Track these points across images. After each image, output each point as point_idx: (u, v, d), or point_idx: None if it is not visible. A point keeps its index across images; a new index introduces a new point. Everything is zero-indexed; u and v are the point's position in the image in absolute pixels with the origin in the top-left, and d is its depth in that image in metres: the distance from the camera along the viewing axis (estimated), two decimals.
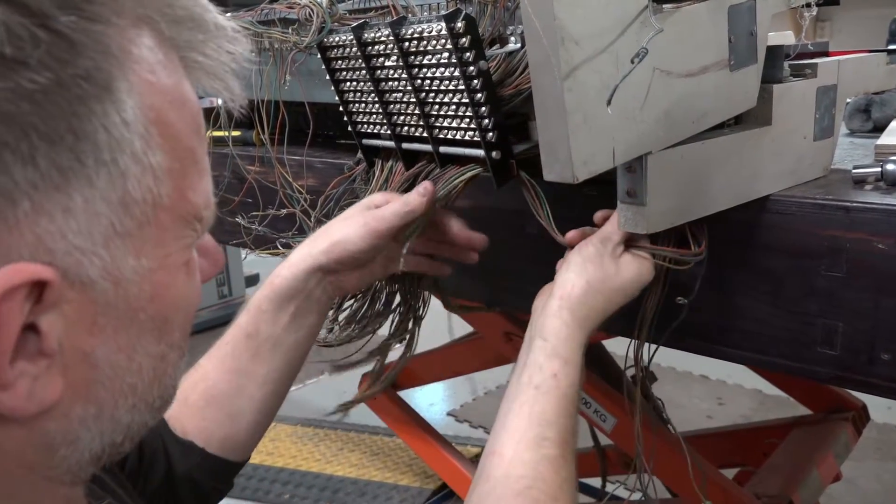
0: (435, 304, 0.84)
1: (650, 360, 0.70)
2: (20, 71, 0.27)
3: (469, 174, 0.67)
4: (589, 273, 0.60)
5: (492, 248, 0.81)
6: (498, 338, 1.37)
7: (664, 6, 0.52)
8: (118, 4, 0.30)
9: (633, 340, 0.69)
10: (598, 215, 0.66)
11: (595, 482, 1.49)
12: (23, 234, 0.28)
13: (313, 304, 0.67)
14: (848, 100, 0.88)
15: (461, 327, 1.53)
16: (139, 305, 0.33)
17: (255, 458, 2.09)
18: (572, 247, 0.64)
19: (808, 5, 0.63)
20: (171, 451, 0.63)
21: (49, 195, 0.28)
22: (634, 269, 0.61)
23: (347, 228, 0.66)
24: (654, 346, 0.69)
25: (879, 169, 0.62)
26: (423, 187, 0.67)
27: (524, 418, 0.55)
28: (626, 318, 0.67)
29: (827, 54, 0.75)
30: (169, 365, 0.36)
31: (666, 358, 0.70)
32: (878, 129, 0.91)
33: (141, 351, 0.34)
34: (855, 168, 0.64)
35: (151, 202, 0.32)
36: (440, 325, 0.82)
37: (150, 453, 0.61)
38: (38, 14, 0.27)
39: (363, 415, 1.68)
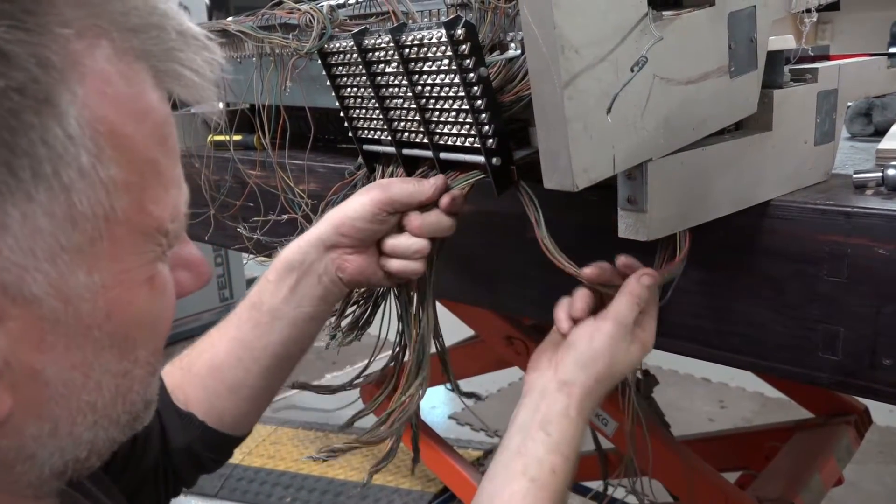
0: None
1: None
2: None
3: (472, 180, 0.67)
4: (599, 368, 0.58)
5: (493, 252, 0.81)
6: (499, 341, 1.37)
7: (664, 14, 0.52)
8: (63, 16, 0.29)
9: None
10: (593, 274, 0.61)
11: (597, 485, 1.48)
12: None
13: (314, 279, 0.65)
14: (849, 104, 0.88)
15: (462, 330, 1.53)
16: (93, 322, 0.32)
17: (257, 462, 2.09)
18: (588, 281, 0.61)
19: (809, 10, 0.63)
20: (168, 427, 0.63)
21: None
22: (639, 353, 0.60)
23: (353, 199, 0.66)
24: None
25: (880, 174, 0.62)
26: (438, 179, 0.65)
27: None
28: None
29: (828, 58, 0.75)
30: (135, 381, 0.35)
31: (667, 361, 0.71)
32: (880, 132, 0.91)
33: (99, 368, 0.33)
34: (856, 173, 0.64)
35: (103, 216, 0.31)
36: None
37: (143, 436, 0.61)
38: None
39: (365, 419, 1.68)
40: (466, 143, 0.65)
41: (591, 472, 1.44)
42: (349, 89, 0.75)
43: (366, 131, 0.76)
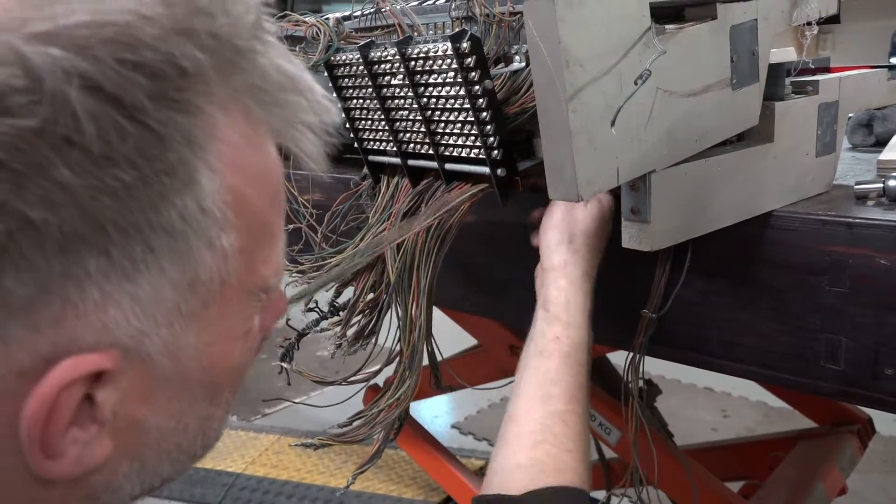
0: (437, 315, 0.84)
1: (642, 370, 0.71)
2: (105, 167, 0.26)
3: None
4: (562, 236, 0.64)
5: (497, 261, 0.82)
6: (502, 350, 1.37)
7: (667, 27, 0.53)
8: (211, 93, 0.29)
9: (629, 352, 0.70)
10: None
11: (599, 495, 1.48)
12: (90, 322, 0.28)
13: None
14: (850, 115, 0.89)
15: (465, 340, 1.53)
16: (194, 377, 0.33)
17: (260, 471, 2.09)
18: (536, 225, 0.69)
19: (809, 24, 0.64)
20: None
21: (119, 285, 0.28)
22: (594, 206, 0.65)
23: None
24: (649, 358, 0.70)
25: (881, 185, 0.62)
26: None
27: (532, 382, 0.59)
28: (620, 329, 0.68)
29: (828, 70, 0.76)
30: (214, 421, 0.36)
31: (670, 370, 0.71)
32: (881, 143, 0.92)
33: (191, 414, 0.34)
34: (857, 184, 0.64)
35: (219, 282, 0.31)
36: (442, 338, 0.82)
37: None
38: (129, 107, 0.26)
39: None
40: (471, 154, 0.66)
41: (594, 481, 1.44)
42: (355, 101, 0.76)
43: (371, 142, 0.77)
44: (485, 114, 0.62)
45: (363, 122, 0.77)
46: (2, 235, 0.25)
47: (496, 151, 0.63)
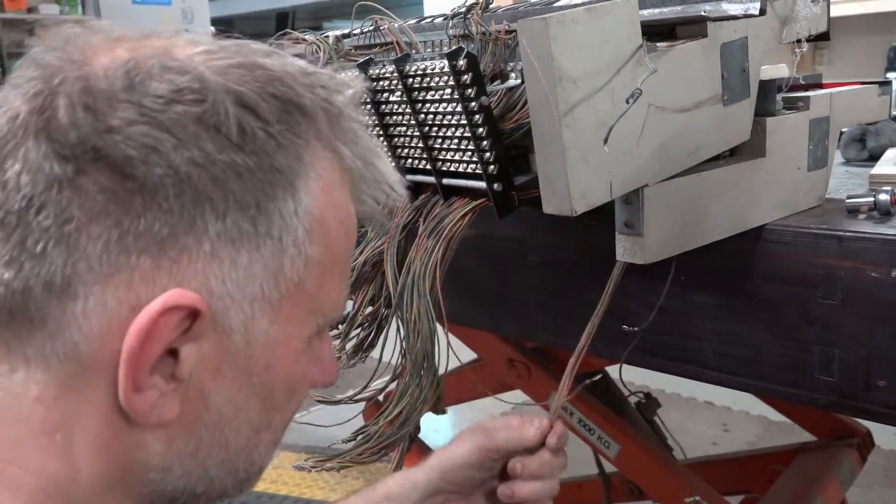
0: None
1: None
2: (237, 152, 0.36)
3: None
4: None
5: (494, 275, 0.83)
6: (501, 364, 1.38)
7: (658, 45, 0.54)
8: (318, 130, 0.39)
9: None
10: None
11: None
12: (197, 269, 0.36)
13: None
14: (843, 130, 0.90)
15: (464, 353, 1.54)
16: (255, 369, 0.39)
17: (259, 486, 2.08)
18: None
19: (799, 41, 0.65)
20: None
21: (225, 246, 0.36)
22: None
23: (458, 444, 0.67)
24: (649, 372, 0.70)
25: (872, 199, 0.63)
26: (542, 423, 0.66)
27: None
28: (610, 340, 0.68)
29: (820, 86, 0.77)
30: (261, 442, 0.42)
31: (670, 385, 0.71)
32: (874, 158, 0.93)
33: (245, 411, 0.40)
34: (849, 198, 0.65)
35: (296, 282, 0.38)
36: (441, 352, 0.82)
37: None
38: (262, 119, 0.37)
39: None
40: (468, 170, 0.67)
41: (593, 496, 1.44)
42: None
43: None
44: (481, 129, 0.63)
45: None
46: (157, 176, 0.34)
47: (493, 166, 0.64)
